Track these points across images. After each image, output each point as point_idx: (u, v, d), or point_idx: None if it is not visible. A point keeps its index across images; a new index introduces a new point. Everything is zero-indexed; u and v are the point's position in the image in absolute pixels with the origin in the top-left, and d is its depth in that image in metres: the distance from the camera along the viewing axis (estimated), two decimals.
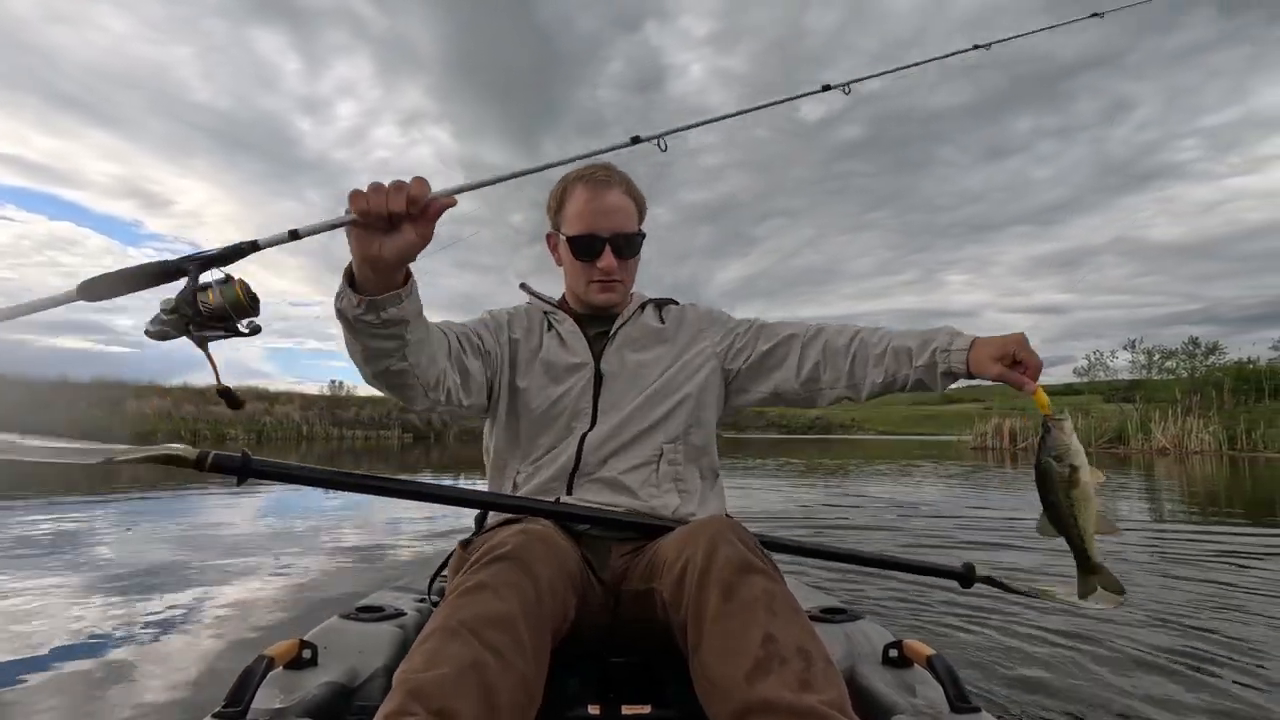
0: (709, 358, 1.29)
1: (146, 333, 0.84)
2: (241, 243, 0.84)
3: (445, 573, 1.34)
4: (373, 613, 1.28)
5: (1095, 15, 1.61)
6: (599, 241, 1.21)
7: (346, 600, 1.42)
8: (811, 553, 1.32)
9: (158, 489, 6.74)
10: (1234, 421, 17.79)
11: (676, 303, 1.39)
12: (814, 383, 1.26)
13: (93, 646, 2.07)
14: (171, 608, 2.52)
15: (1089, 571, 1.00)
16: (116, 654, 2.00)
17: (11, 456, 0.88)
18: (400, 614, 1.29)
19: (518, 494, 1.17)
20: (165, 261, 0.82)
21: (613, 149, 1.19)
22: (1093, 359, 26.47)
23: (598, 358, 1.25)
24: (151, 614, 2.43)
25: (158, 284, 0.81)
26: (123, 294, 0.78)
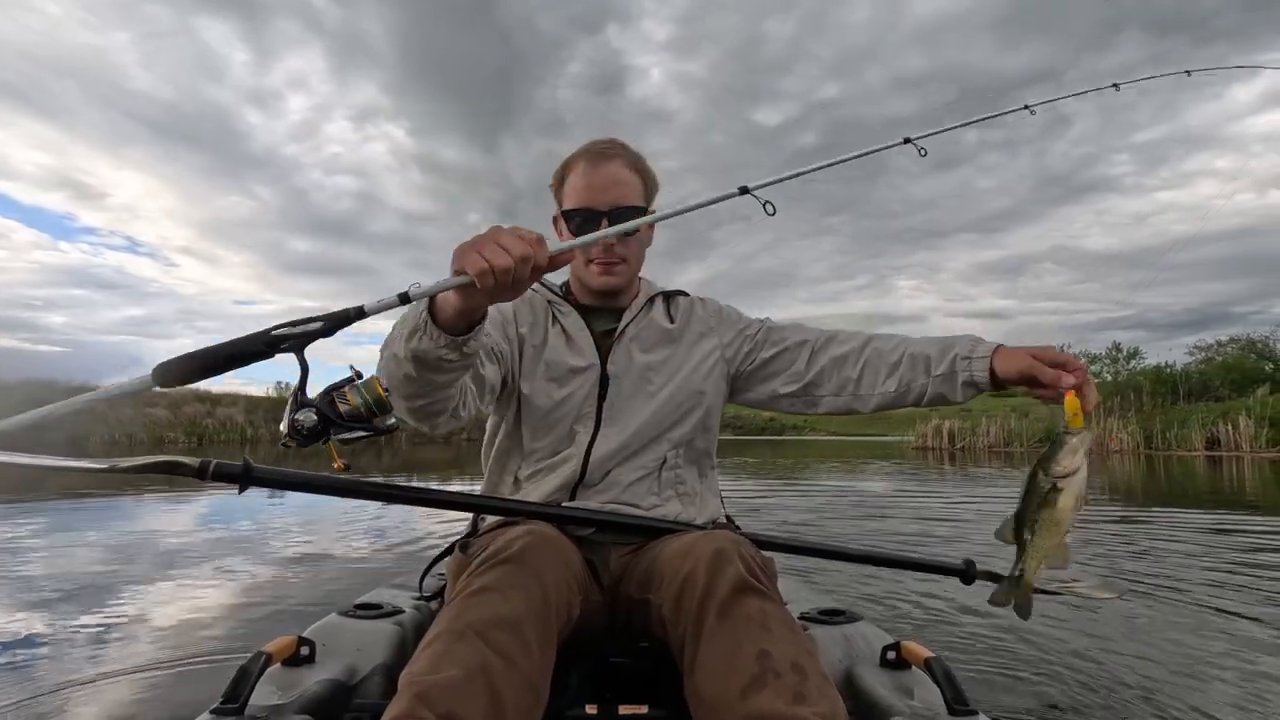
0: (717, 361, 1.24)
1: (284, 445, 0.78)
2: (348, 309, 0.76)
3: (437, 569, 1.36)
4: (370, 610, 1.27)
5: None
6: (595, 215, 1.12)
7: (344, 597, 1.42)
8: (811, 551, 1.28)
9: (152, 492, 6.59)
10: (1151, 422, 19.02)
11: (686, 294, 1.32)
12: (815, 388, 1.21)
13: (90, 643, 2.08)
14: (168, 605, 2.53)
15: (1015, 587, 0.93)
16: (113, 650, 2.01)
17: (22, 462, 0.91)
18: (398, 611, 1.27)
19: (519, 491, 1.15)
20: (256, 336, 0.73)
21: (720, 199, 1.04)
22: None
23: (604, 357, 1.17)
24: (147, 611, 2.44)
25: (251, 362, 0.74)
26: (208, 377, 0.71)
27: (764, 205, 1.05)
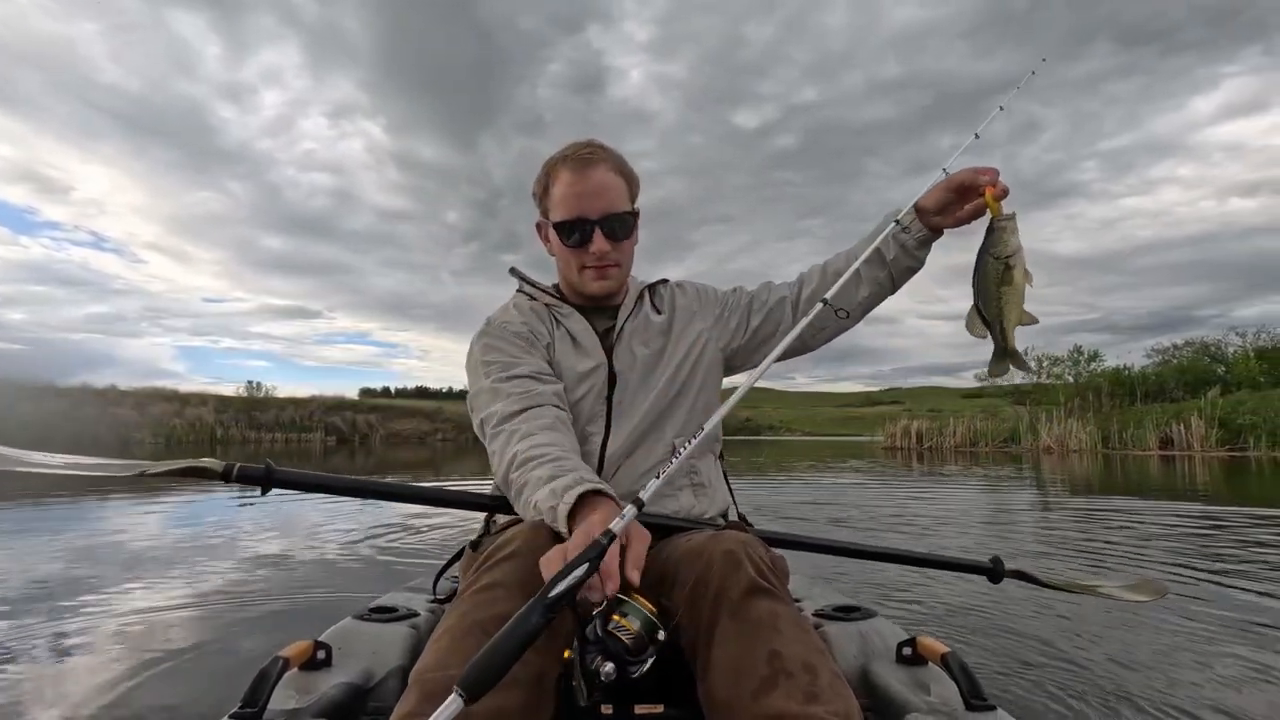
0: (707, 342, 1.27)
1: (586, 701, 0.71)
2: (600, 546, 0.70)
3: (450, 572, 1.39)
4: (386, 613, 1.28)
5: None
6: (588, 225, 1.15)
7: (359, 601, 1.43)
8: (825, 549, 1.26)
9: (157, 494, 6.48)
10: (1108, 423, 19.68)
11: (666, 281, 1.36)
12: (806, 332, 1.23)
13: (108, 646, 2.08)
14: (181, 610, 2.52)
15: (1004, 355, 1.05)
16: (133, 654, 2.00)
17: (51, 470, 0.97)
18: (413, 614, 1.29)
19: None
20: (535, 604, 0.66)
21: None
22: None
23: (608, 354, 1.20)
24: (165, 614, 2.44)
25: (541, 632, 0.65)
26: (512, 665, 0.63)
27: (836, 312, 1.23)
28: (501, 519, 1.16)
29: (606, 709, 0.97)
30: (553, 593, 0.67)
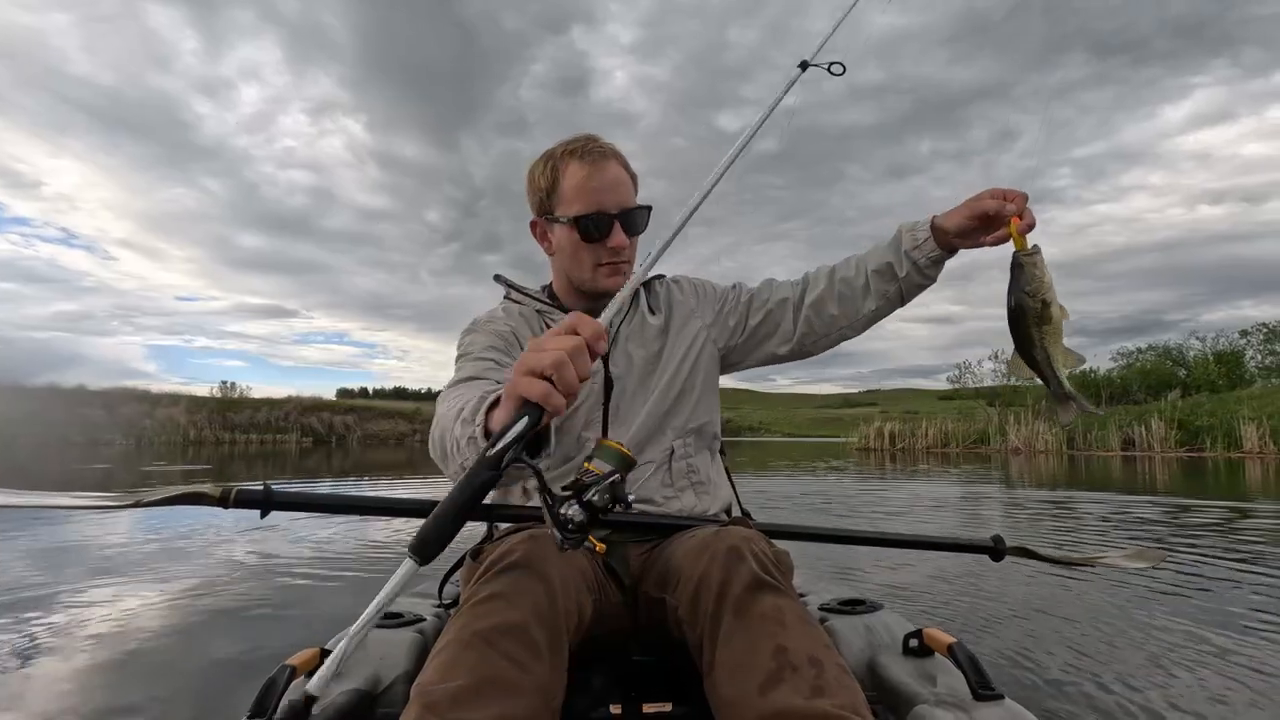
0: (705, 342, 1.26)
1: (563, 546, 0.71)
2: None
3: (456, 577, 1.37)
4: (391, 619, 1.27)
5: None
6: (608, 219, 1.11)
7: (364, 607, 1.50)
8: (828, 538, 1.27)
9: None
10: (1074, 425, 20.21)
11: (662, 277, 1.33)
12: (807, 338, 1.24)
13: (110, 655, 2.05)
14: (188, 617, 2.50)
15: (1064, 399, 1.00)
16: (136, 663, 1.98)
17: (48, 505, 0.99)
18: (419, 620, 1.28)
19: (530, 501, 1.13)
20: (481, 464, 0.68)
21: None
22: (962, 367, 29.19)
23: (604, 359, 1.17)
24: (168, 623, 2.42)
25: (491, 489, 0.69)
26: (459, 530, 0.68)
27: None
28: (503, 525, 1.15)
29: (615, 708, 0.96)
30: (494, 449, 0.68)
